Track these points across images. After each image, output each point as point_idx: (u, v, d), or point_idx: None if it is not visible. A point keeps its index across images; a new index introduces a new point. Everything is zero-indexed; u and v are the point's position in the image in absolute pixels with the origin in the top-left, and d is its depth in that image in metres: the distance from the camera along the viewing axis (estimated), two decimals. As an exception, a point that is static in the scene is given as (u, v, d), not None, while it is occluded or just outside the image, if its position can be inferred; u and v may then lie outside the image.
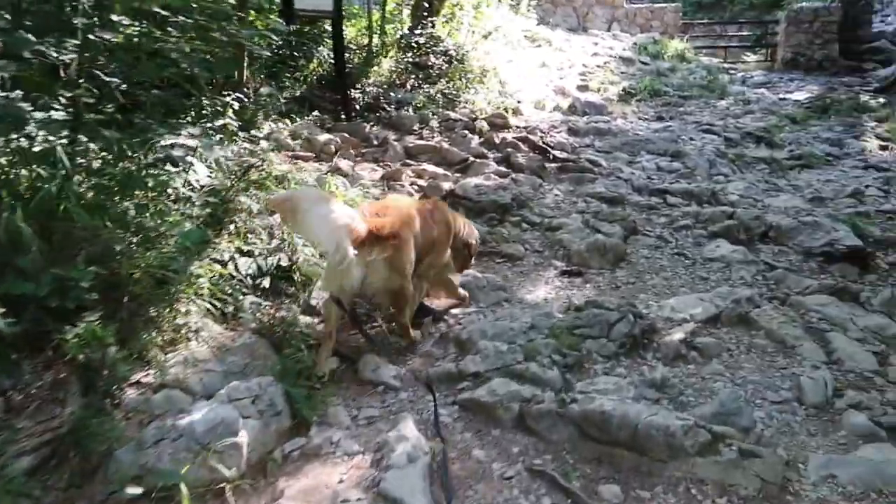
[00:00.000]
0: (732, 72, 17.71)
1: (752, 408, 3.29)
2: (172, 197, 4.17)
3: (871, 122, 12.23)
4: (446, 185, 6.63)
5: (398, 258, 3.50)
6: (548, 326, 3.95)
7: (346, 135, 8.05)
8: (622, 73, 14.12)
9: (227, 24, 4.97)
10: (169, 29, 4.54)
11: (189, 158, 4.19)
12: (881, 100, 14.25)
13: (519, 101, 10.80)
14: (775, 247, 5.81)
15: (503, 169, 7.61)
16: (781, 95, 14.13)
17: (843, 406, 3.36)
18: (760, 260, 5.42)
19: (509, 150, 8.21)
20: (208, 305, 3.62)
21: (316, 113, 8.85)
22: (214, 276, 3.80)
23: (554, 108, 11.17)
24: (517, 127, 9.51)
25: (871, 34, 21.77)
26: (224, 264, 3.99)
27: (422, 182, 6.85)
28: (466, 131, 8.77)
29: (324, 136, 7.63)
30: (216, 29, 4.73)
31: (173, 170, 4.10)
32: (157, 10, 4.36)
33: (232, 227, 4.38)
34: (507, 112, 10.08)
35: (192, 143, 4.32)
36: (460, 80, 10.58)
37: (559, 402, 3.17)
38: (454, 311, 4.36)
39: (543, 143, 8.84)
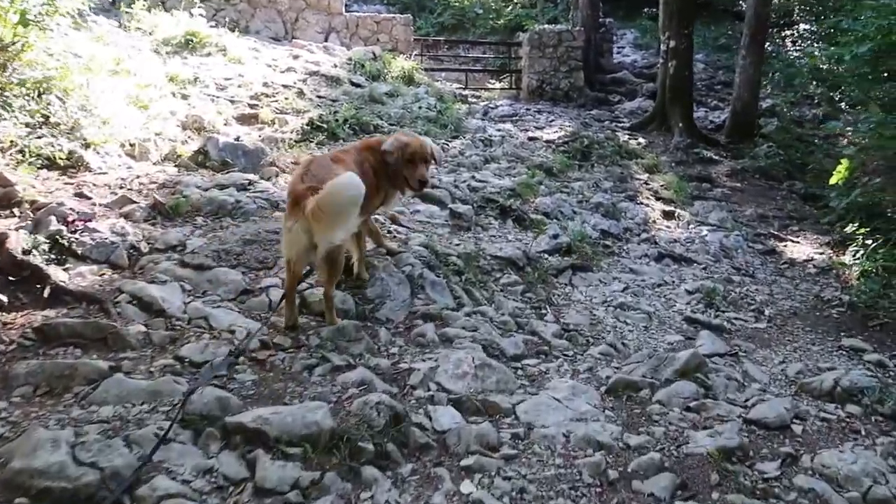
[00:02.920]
0: (473, 100, 14.37)
1: None
2: None
3: (642, 173, 9.22)
4: None
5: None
6: None
7: None
8: (320, 97, 9.69)
9: None
10: None
11: None
12: (641, 140, 11.66)
13: (88, 145, 5.71)
14: None
15: None
16: (531, 133, 10.79)
17: None
18: None
19: None
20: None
21: None
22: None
23: (165, 157, 6.25)
24: (31, 204, 4.45)
25: (613, 65, 20.41)
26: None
27: None
28: None
29: None
30: None
31: None
32: None
33: None
34: (40, 169, 4.99)
35: None
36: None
37: None
38: None
39: (62, 248, 3.90)
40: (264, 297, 3.85)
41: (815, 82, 19.52)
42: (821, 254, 6.72)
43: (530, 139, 10.18)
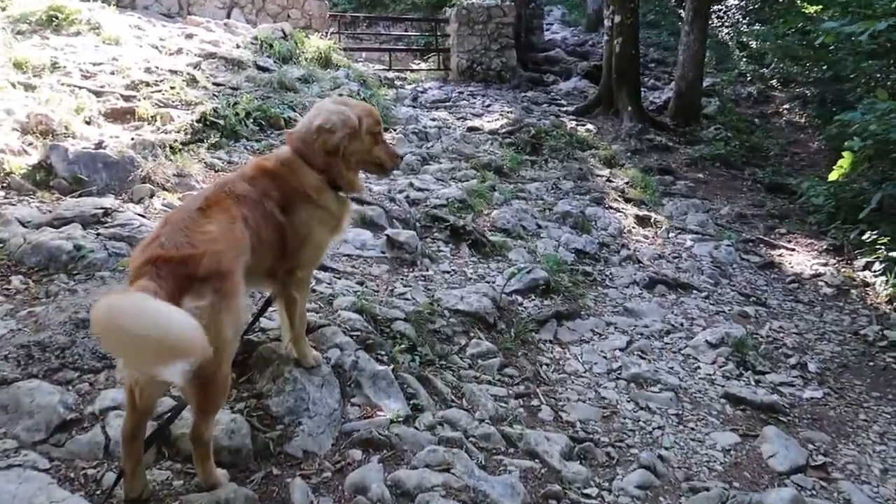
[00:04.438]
0: (400, 83, 12.87)
1: None
2: None
3: (601, 168, 8.05)
4: None
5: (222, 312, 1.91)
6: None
7: None
8: (217, 84, 7.98)
9: None
10: None
11: None
12: (590, 127, 10.53)
13: None
14: None
15: None
16: (469, 121, 9.44)
17: None
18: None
19: None
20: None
21: None
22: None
23: (-14, 176, 4.54)
24: None
25: (545, 42, 19.29)
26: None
27: None
28: None
29: None
30: None
31: None
32: None
33: None
34: None
35: None
36: None
37: None
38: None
39: None
40: (98, 431, 2.35)
41: (745, 60, 19.20)
42: (824, 264, 5.72)
43: (470, 130, 8.83)
